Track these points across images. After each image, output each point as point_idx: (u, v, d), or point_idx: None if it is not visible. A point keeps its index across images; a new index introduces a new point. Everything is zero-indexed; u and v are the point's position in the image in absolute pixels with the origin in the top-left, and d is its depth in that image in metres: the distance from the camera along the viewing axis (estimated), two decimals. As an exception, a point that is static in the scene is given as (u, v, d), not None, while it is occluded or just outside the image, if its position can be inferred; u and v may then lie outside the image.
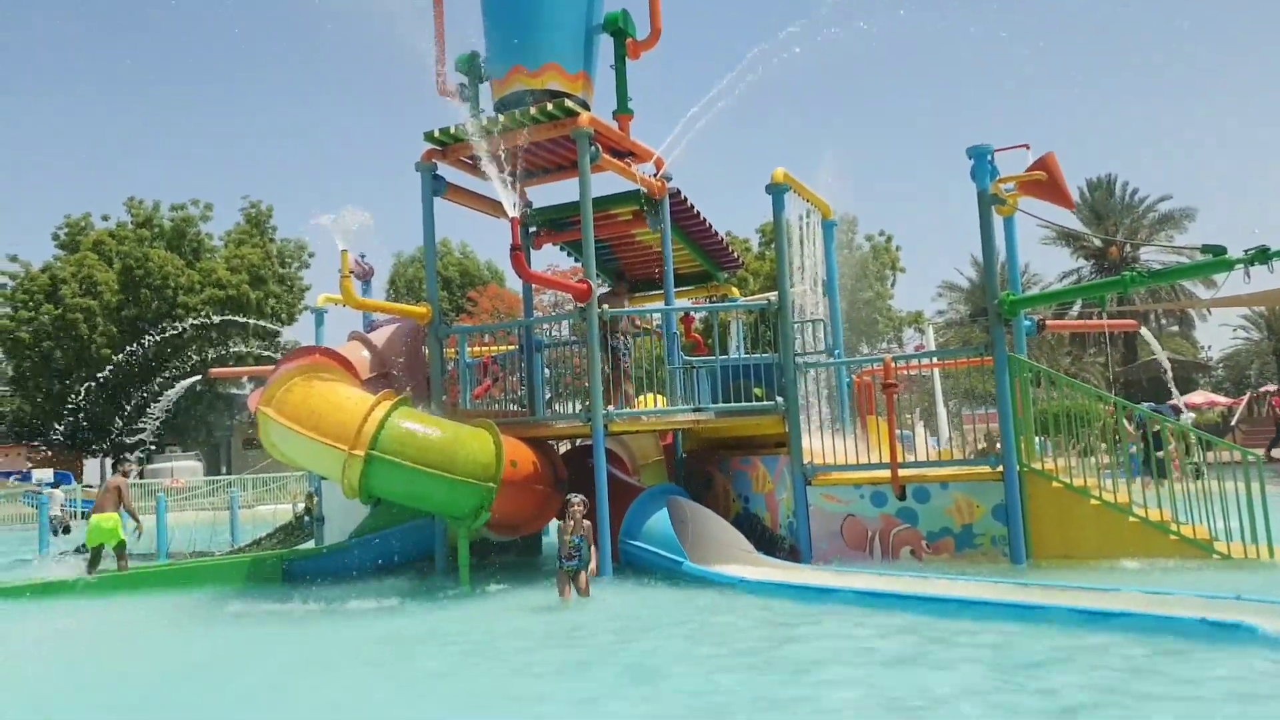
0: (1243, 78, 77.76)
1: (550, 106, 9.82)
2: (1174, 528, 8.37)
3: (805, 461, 9.64)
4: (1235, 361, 54.98)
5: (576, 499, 8.04)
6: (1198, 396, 35.13)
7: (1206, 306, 40.43)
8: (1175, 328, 46.52)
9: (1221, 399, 37.92)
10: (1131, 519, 8.46)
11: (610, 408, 9.61)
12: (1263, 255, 7.20)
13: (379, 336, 11.13)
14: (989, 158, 9.09)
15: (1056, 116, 79.06)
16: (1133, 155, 76.44)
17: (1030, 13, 79.94)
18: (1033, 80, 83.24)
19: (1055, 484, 8.78)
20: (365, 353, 10.86)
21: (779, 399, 9.82)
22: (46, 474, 35.43)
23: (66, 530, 20.92)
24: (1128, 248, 43.78)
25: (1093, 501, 8.62)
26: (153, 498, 19.93)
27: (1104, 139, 74.01)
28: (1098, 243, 43.98)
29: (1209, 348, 52.64)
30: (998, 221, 9.68)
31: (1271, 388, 37.14)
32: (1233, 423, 29.95)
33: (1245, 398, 35.77)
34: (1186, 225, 42.62)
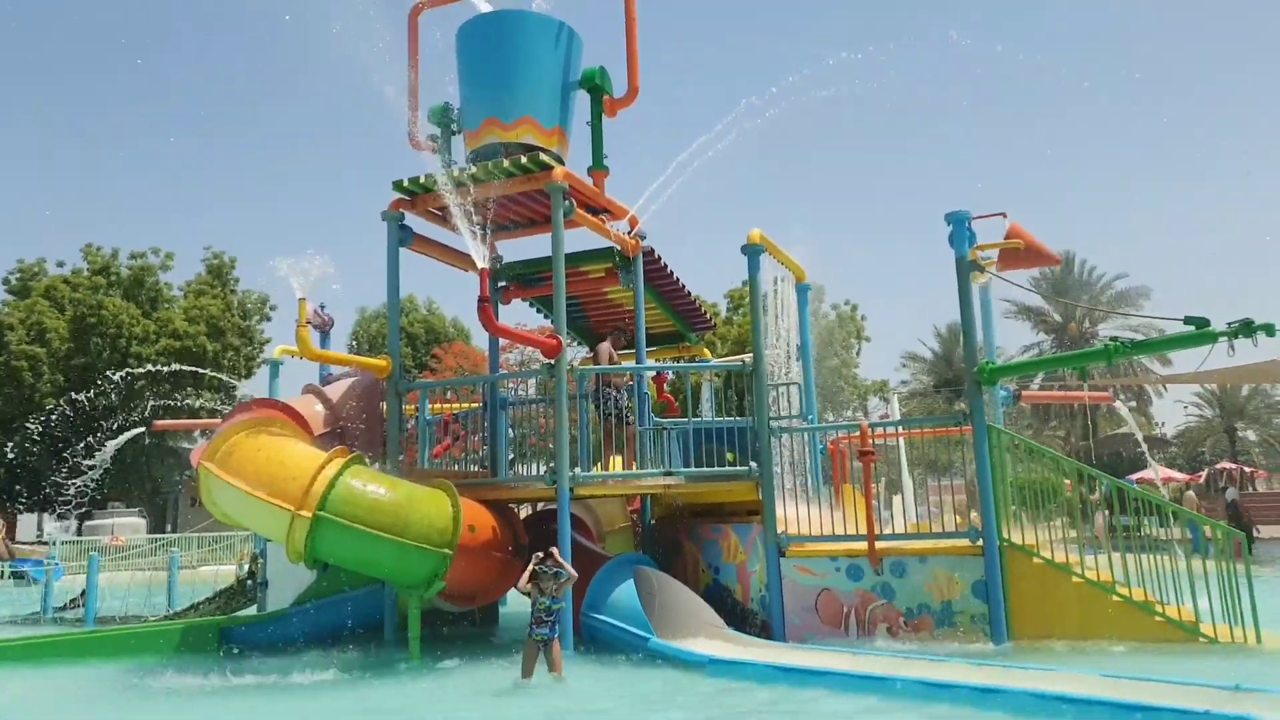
0: (1196, 158, 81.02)
1: (524, 159, 9.62)
2: (1158, 609, 8.08)
3: (779, 531, 9.26)
4: (1188, 438, 55.92)
5: (552, 558, 7.48)
6: (1153, 472, 35.41)
7: (1162, 383, 41.14)
8: (1132, 403, 47.25)
9: (1178, 475, 38.32)
10: (1115, 598, 8.16)
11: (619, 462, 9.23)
12: (1247, 329, 7.08)
13: (335, 390, 10.65)
14: (967, 224, 8.99)
15: (1016, 191, 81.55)
16: (1089, 233, 78.76)
17: (988, 87, 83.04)
18: (992, 155, 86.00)
19: (1036, 560, 8.48)
20: (319, 407, 10.36)
21: (752, 464, 9.48)
22: (-24, 528, 33.68)
23: None
24: (1086, 323, 44.62)
25: (1075, 579, 8.32)
26: (85, 556, 18.86)
27: (1062, 216, 76.31)
28: (1058, 318, 44.77)
29: (1163, 424, 53.55)
30: (973, 290, 9.55)
31: (1228, 465, 37.62)
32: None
33: (1204, 474, 36.18)
34: (1142, 303, 43.65)
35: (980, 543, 8.58)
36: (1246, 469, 38.09)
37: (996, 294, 10.12)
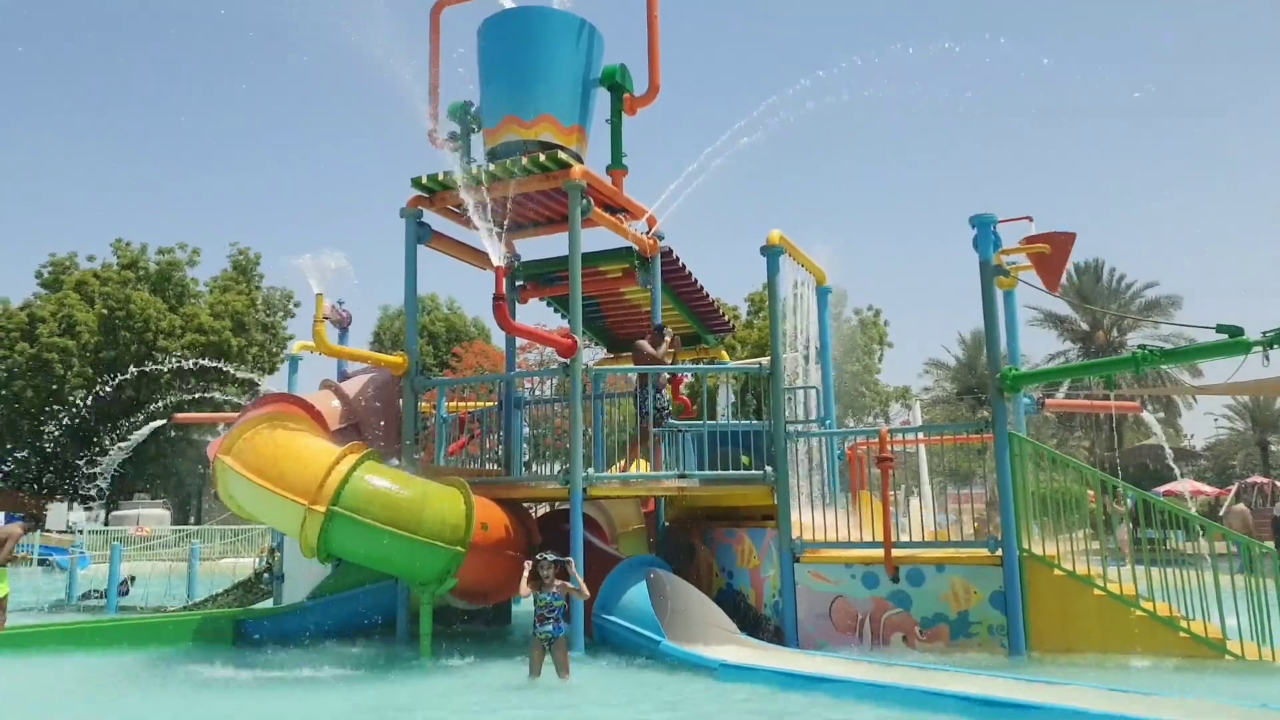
0: (1230, 166, 79.65)
1: (543, 158, 9.57)
2: (1183, 624, 7.87)
3: (794, 536, 9.14)
4: (1218, 451, 54.87)
5: (547, 558, 7.43)
6: (1183, 485, 34.74)
7: (1192, 393, 40.39)
8: (1161, 414, 46.48)
9: (1208, 488, 37.60)
10: (1138, 613, 7.96)
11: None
12: (1282, 337, 6.87)
13: (351, 386, 10.67)
14: (992, 228, 8.83)
15: (1046, 198, 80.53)
16: (1120, 240, 77.67)
17: (1020, 90, 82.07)
18: (1021, 162, 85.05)
19: (1057, 571, 8.29)
20: (336, 402, 10.38)
21: (768, 468, 9.37)
22: (-1, 517, 34.23)
23: None
24: (1114, 332, 43.91)
25: (1096, 592, 8.13)
26: (110, 545, 19.08)
27: (1092, 222, 75.28)
28: (1084, 326, 44.10)
29: (1191, 436, 52.60)
30: (997, 295, 9.38)
31: (1259, 479, 36.86)
32: (1221, 513, 29.55)
33: (1233, 487, 35.45)
34: (1173, 312, 42.83)
35: (999, 552, 8.41)
36: (1279, 483, 37.28)
37: (1022, 300, 9.95)
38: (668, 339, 10.25)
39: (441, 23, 11.13)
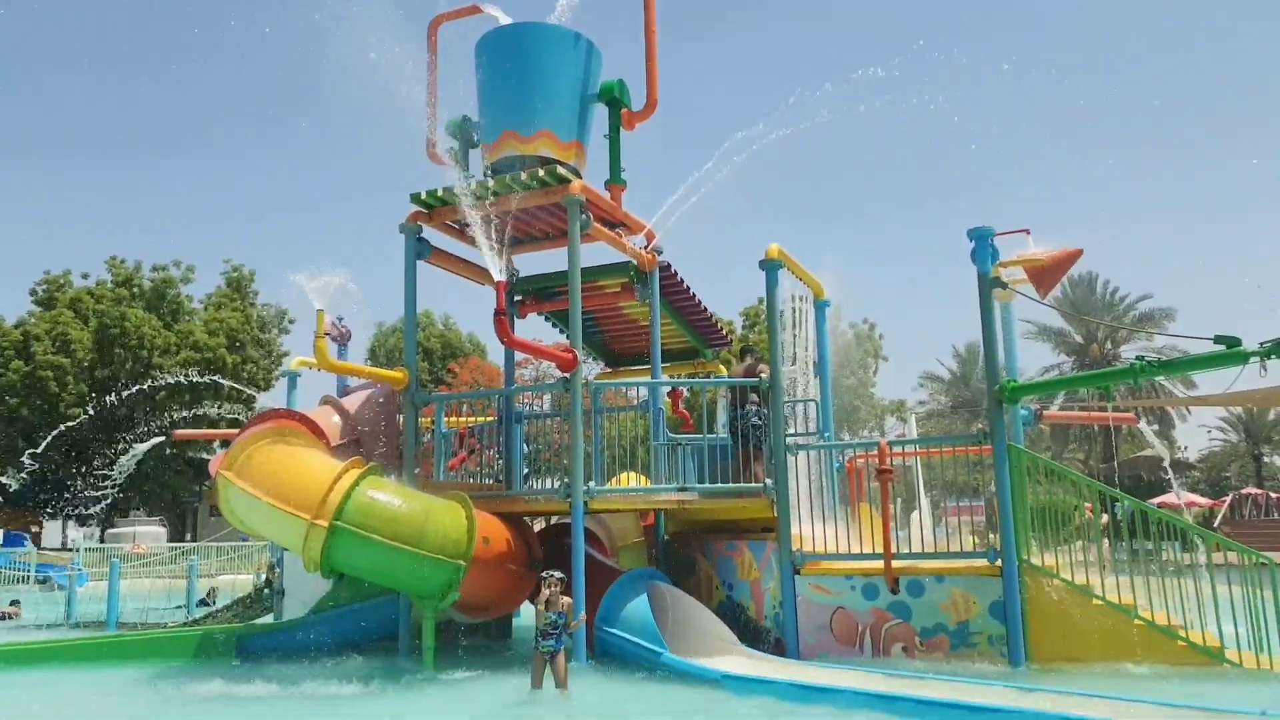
0: (1221, 177, 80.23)
1: (542, 173, 9.65)
2: (1182, 633, 7.92)
3: (794, 549, 9.18)
4: (1212, 462, 55.07)
5: (554, 576, 7.55)
6: (1177, 496, 34.85)
7: (1186, 405, 40.58)
8: (1155, 426, 46.62)
9: (1202, 499, 37.74)
10: (1137, 621, 8.01)
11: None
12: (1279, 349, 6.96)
13: (352, 402, 10.71)
14: (990, 240, 8.93)
15: (1040, 209, 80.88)
16: (1113, 253, 78.10)
17: (1014, 103, 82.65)
18: (1016, 172, 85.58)
19: (1056, 581, 8.34)
20: (336, 418, 10.43)
21: (767, 481, 9.42)
22: (-3, 535, 34.04)
23: None
24: (1108, 345, 44.13)
25: (1095, 601, 8.18)
26: (108, 562, 19.01)
27: (1085, 236, 75.51)
28: (1079, 339, 44.30)
29: (1185, 448, 52.75)
30: (995, 308, 9.46)
31: (1253, 490, 37.01)
32: (1215, 525, 29.69)
33: (1228, 499, 35.59)
34: (1166, 324, 43.08)
35: (999, 563, 8.47)
36: (1273, 494, 37.45)
37: (1017, 314, 10.04)
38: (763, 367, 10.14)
39: (439, 37, 11.23)
